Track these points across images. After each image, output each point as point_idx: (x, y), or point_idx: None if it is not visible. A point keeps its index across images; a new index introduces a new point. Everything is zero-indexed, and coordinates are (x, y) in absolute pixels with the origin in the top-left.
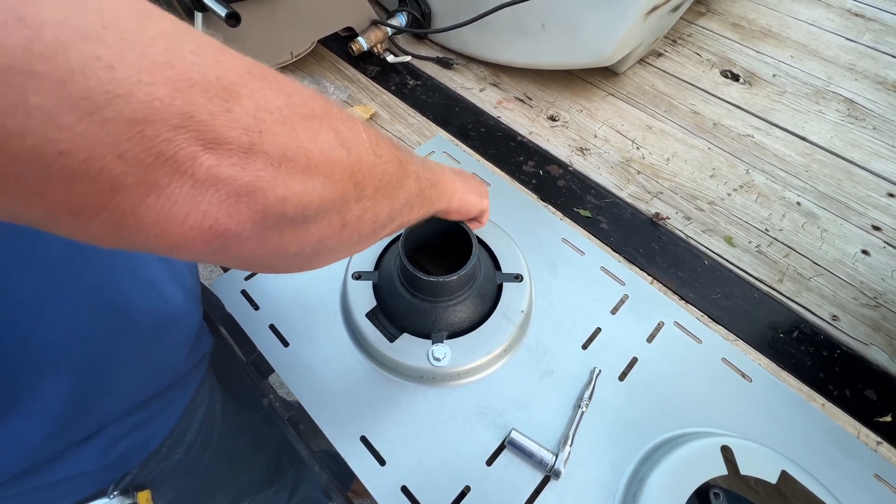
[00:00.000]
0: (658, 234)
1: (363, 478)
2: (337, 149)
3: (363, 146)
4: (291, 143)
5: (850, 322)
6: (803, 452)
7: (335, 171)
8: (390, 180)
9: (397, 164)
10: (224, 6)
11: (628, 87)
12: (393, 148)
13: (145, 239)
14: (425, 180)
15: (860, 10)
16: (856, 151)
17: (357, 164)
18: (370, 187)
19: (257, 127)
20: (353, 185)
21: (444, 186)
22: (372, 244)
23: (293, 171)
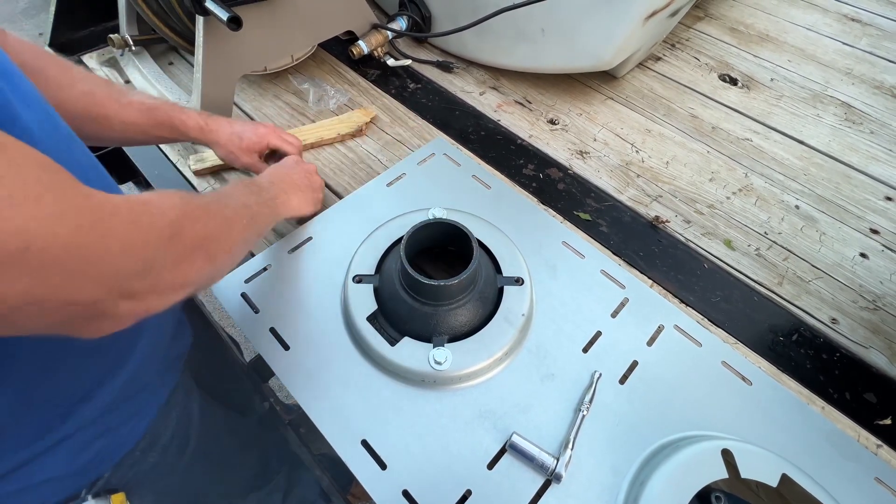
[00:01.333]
0: (658, 237)
1: (364, 482)
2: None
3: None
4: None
5: (849, 325)
6: (804, 455)
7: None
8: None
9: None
10: (226, 10)
11: (627, 91)
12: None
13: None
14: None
15: (857, 15)
16: (854, 155)
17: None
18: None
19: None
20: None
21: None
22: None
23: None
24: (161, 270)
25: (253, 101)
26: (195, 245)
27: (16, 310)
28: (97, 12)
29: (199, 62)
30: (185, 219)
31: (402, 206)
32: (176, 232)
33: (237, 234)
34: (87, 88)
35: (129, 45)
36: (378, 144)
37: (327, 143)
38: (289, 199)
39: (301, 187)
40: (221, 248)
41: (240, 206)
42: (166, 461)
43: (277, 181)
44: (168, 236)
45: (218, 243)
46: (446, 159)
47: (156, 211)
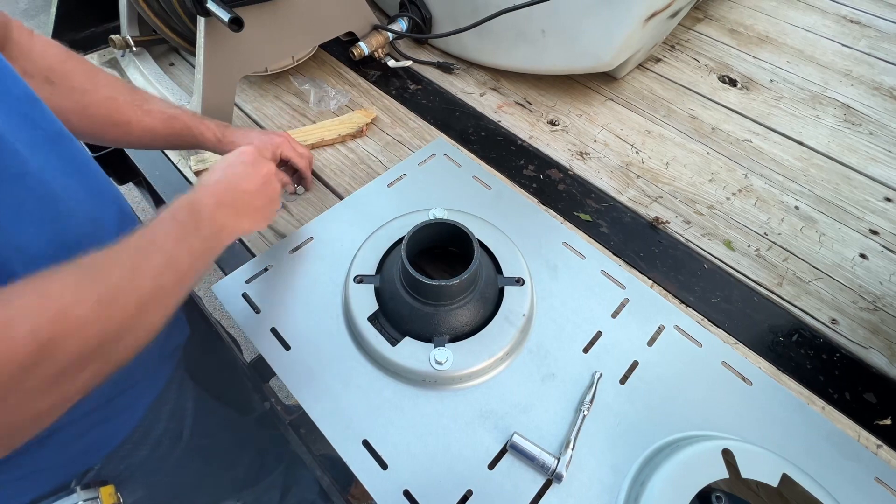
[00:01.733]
0: (658, 237)
1: (365, 482)
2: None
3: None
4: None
5: (849, 325)
6: (804, 455)
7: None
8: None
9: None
10: (227, 11)
11: (627, 92)
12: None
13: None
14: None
15: (856, 16)
16: (853, 156)
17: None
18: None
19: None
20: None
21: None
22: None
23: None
24: (17, 405)
25: (254, 102)
26: (79, 360)
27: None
28: (98, 13)
29: (200, 63)
30: (60, 337)
31: (403, 206)
32: (42, 358)
33: (156, 313)
34: (111, 94)
35: (131, 45)
36: (379, 145)
37: (328, 143)
38: (238, 224)
39: (256, 205)
40: (126, 344)
41: (163, 267)
42: (158, 454)
43: (227, 201)
44: (27, 366)
45: (119, 342)
46: (447, 160)
47: (12, 334)
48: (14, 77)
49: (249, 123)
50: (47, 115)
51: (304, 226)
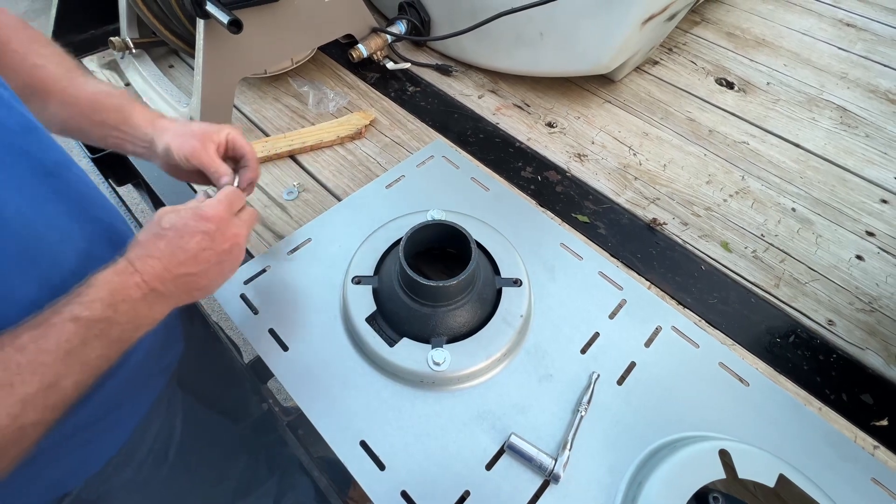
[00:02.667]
0: (655, 239)
1: (363, 483)
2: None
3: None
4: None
5: (845, 327)
6: (801, 456)
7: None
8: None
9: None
10: (226, 13)
11: (625, 95)
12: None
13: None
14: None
15: (852, 20)
16: (849, 158)
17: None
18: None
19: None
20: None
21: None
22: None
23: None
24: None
25: (253, 104)
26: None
27: None
28: (98, 15)
29: (199, 65)
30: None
31: (401, 207)
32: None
33: (11, 452)
34: (40, 62)
35: (130, 47)
36: (377, 147)
37: (327, 145)
38: (164, 310)
39: (200, 285)
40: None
41: (34, 397)
42: (141, 476)
43: (159, 287)
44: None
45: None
46: (445, 162)
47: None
48: (8, 107)
49: (248, 125)
50: (45, 144)
51: (303, 227)
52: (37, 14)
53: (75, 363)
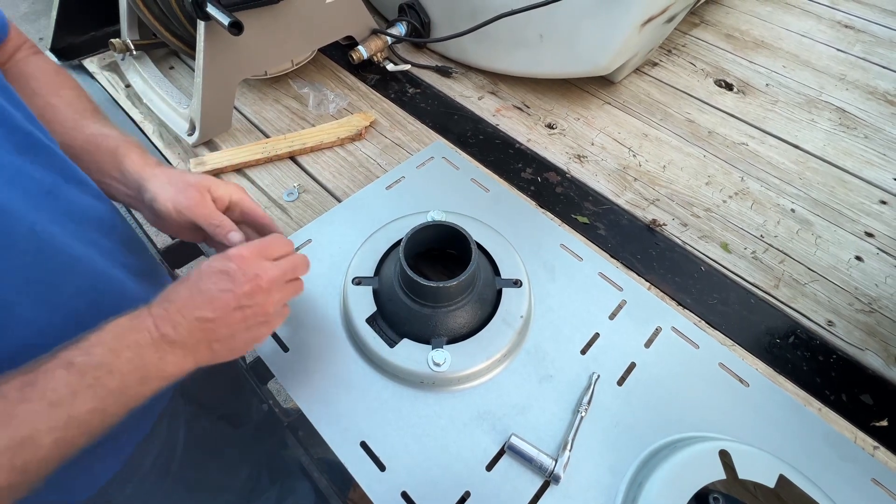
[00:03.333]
0: (655, 240)
1: (363, 483)
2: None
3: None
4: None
5: (845, 327)
6: (801, 457)
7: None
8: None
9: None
10: (227, 15)
11: (624, 96)
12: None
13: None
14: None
15: (850, 21)
16: (848, 159)
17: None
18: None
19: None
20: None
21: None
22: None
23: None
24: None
25: (253, 105)
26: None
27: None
28: (98, 17)
29: (199, 66)
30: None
31: (401, 208)
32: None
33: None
34: (54, 102)
35: (131, 49)
36: (377, 148)
37: (327, 146)
38: (184, 367)
39: (223, 334)
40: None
41: (10, 449)
42: (144, 489)
43: (171, 334)
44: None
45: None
46: (445, 163)
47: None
48: (22, 121)
49: (249, 127)
50: (60, 163)
51: (303, 228)
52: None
53: (59, 416)
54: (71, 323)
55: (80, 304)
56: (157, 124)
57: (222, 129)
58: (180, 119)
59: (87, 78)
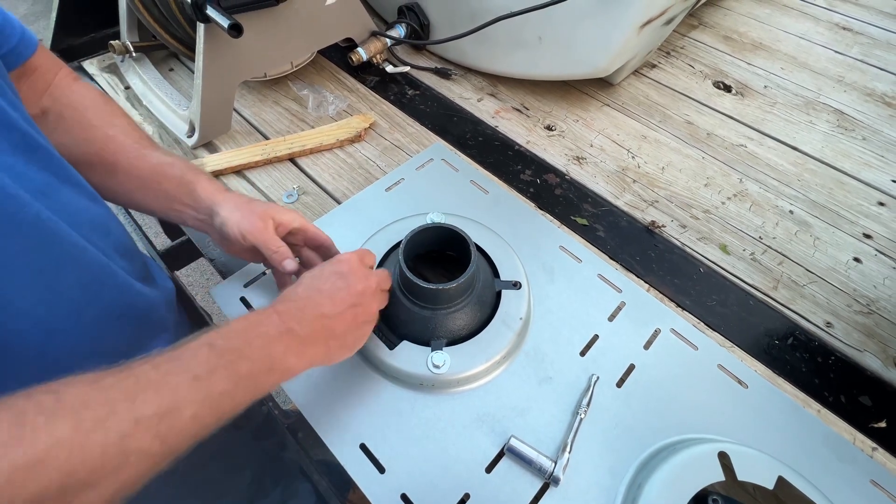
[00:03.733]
0: (654, 241)
1: (363, 486)
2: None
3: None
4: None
5: (843, 329)
6: (800, 458)
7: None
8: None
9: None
10: (227, 17)
11: (623, 98)
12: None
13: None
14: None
15: (848, 24)
16: (846, 161)
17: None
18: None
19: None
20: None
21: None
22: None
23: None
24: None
25: (252, 107)
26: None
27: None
28: (98, 19)
29: (199, 68)
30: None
31: (401, 210)
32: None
33: (121, 477)
34: (112, 133)
35: (130, 51)
36: (377, 150)
37: (326, 148)
38: (300, 360)
39: (335, 332)
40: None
41: (153, 417)
42: (150, 492)
43: (295, 328)
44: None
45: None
46: (444, 164)
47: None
48: (20, 121)
49: (248, 129)
50: (56, 164)
51: None
52: (37, 17)
53: (199, 391)
54: (69, 314)
55: (80, 297)
56: (156, 126)
57: (222, 130)
58: (180, 121)
59: (87, 80)
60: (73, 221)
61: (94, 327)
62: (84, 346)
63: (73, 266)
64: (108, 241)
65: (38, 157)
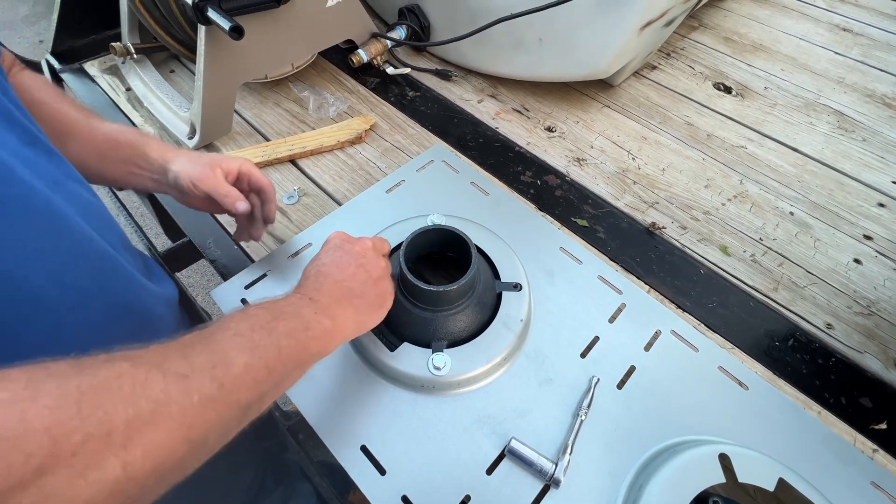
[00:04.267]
0: (654, 243)
1: (363, 487)
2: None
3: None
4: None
5: (844, 330)
6: (800, 460)
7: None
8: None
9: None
10: (228, 19)
11: (624, 99)
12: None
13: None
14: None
15: (848, 25)
16: (846, 162)
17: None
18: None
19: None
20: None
21: (325, 336)
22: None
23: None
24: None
25: (253, 109)
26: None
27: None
28: (99, 20)
29: (200, 70)
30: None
31: (401, 212)
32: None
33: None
34: (64, 109)
35: (131, 53)
36: (377, 151)
37: (327, 149)
38: (339, 323)
39: (357, 289)
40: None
41: (204, 370)
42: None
43: (321, 294)
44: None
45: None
46: (445, 166)
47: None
48: (22, 119)
49: (249, 130)
50: (57, 160)
51: (303, 231)
52: (38, 18)
53: (244, 344)
54: (78, 303)
55: (88, 286)
56: (157, 128)
57: (223, 132)
58: (181, 122)
59: (88, 81)
60: (81, 213)
61: (101, 318)
62: (92, 338)
63: (82, 255)
64: (114, 235)
65: (44, 152)
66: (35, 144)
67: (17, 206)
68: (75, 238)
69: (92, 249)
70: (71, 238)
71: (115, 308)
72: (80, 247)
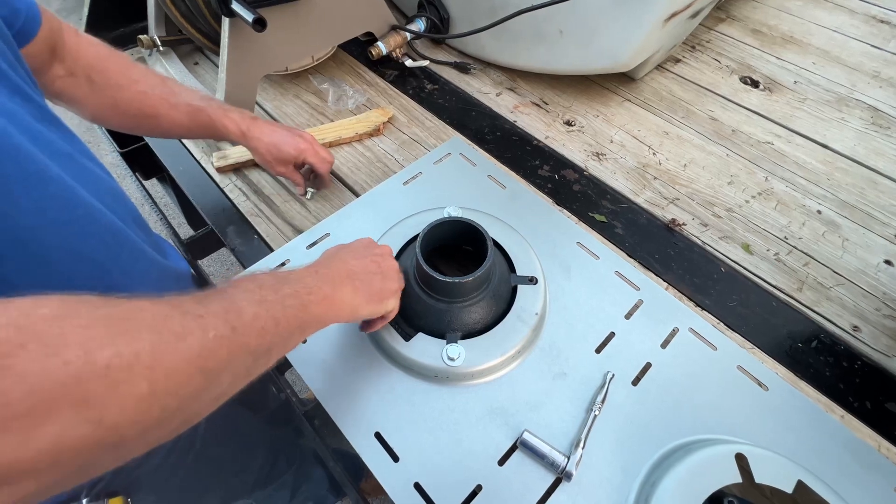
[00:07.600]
0: (674, 240)
1: (377, 473)
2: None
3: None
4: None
5: (871, 333)
6: (820, 463)
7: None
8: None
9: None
10: (251, 12)
11: (645, 93)
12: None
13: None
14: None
15: (886, 16)
16: (880, 160)
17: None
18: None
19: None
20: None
21: (328, 304)
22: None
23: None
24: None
25: (274, 101)
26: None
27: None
28: (127, 14)
29: (223, 62)
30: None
31: (418, 204)
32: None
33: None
34: (142, 89)
35: (157, 45)
36: (395, 144)
37: (345, 142)
38: (337, 294)
39: (361, 275)
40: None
41: (214, 313)
42: (169, 463)
43: (325, 268)
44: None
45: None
46: (462, 159)
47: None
48: (36, 96)
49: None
50: (70, 136)
51: (321, 222)
52: (69, 12)
53: (253, 297)
54: (91, 273)
55: (101, 256)
56: None
57: None
58: None
59: None
60: (91, 189)
61: (114, 292)
62: None
63: (96, 225)
64: (125, 211)
65: (56, 127)
66: (49, 121)
67: (31, 176)
68: (87, 210)
69: (103, 221)
70: (83, 209)
71: (127, 280)
72: (92, 218)
